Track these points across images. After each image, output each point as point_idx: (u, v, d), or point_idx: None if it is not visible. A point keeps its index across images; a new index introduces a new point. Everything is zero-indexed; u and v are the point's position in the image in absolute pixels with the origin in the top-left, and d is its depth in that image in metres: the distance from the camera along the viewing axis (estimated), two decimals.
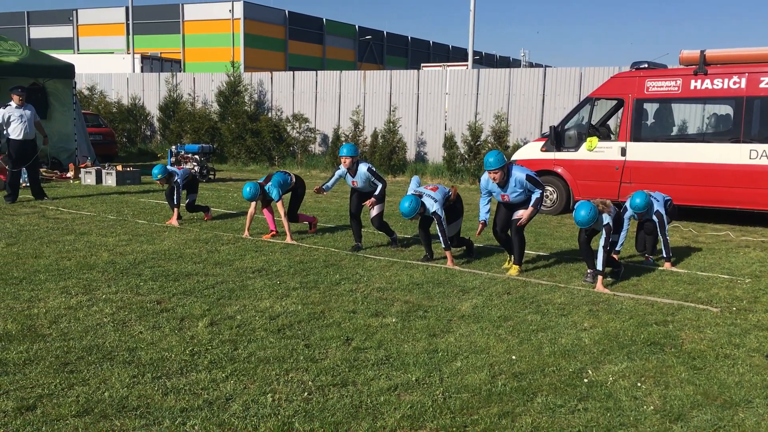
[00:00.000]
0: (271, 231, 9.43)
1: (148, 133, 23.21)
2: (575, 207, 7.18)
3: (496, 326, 5.73)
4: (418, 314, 6.01)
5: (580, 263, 8.12)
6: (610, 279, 7.40)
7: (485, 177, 7.71)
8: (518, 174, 7.59)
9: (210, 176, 16.62)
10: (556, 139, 12.39)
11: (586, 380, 4.61)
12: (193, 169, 11.07)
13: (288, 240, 9.03)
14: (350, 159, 8.60)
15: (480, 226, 7.85)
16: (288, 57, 54.94)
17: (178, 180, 10.15)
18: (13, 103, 12.03)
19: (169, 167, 10.33)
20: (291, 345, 5.14)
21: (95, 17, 56.09)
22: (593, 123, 12.47)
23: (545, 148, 12.55)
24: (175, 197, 10.16)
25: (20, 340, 5.05)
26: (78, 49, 54.35)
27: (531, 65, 61.17)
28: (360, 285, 6.97)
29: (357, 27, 63.20)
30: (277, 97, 20.86)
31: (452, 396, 4.32)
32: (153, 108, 22.85)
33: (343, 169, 8.72)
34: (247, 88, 20.95)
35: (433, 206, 7.84)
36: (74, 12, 56.73)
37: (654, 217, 8.13)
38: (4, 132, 11.96)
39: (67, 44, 55.10)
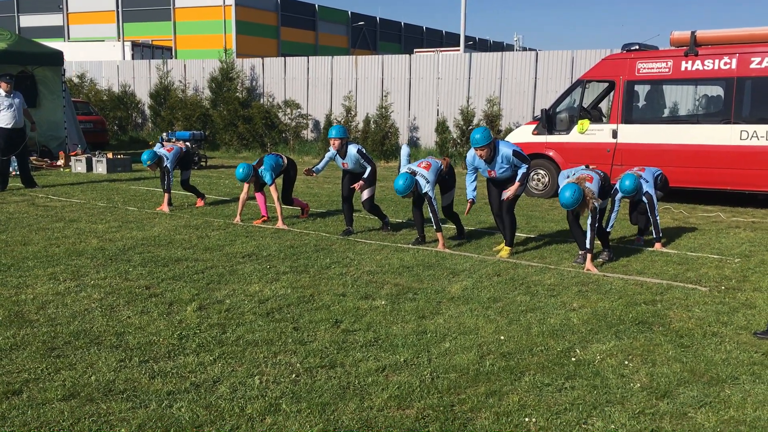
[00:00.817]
0: (263, 216, 9.39)
1: (139, 120, 23.10)
2: (560, 189, 7.15)
3: (485, 307, 5.74)
4: (407, 296, 6.01)
5: (571, 245, 8.13)
6: (599, 260, 7.41)
7: (471, 153, 7.70)
8: (505, 150, 7.57)
9: (202, 163, 16.56)
10: (547, 122, 12.37)
11: (573, 359, 4.62)
12: (184, 144, 10.98)
13: (279, 225, 9.02)
14: (339, 140, 8.54)
15: (468, 204, 7.89)
16: (280, 44, 54.64)
17: (168, 165, 10.08)
18: (1, 91, 11.94)
19: (158, 150, 10.23)
20: (280, 328, 5.14)
21: (85, 5, 55.55)
22: (584, 106, 12.45)
23: (537, 132, 12.53)
24: (166, 182, 10.11)
25: (7, 326, 5.03)
26: (68, 37, 53.92)
27: (525, 50, 61.00)
28: (350, 268, 6.96)
29: (350, 13, 62.88)
30: (268, 84, 20.76)
31: (440, 376, 4.33)
32: (144, 95, 22.72)
33: (332, 151, 8.67)
34: (239, 74, 20.84)
35: (425, 187, 7.82)
36: (64, 0, 56.23)
37: (644, 198, 8.14)
38: None
39: (57, 32, 54.63)
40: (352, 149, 8.62)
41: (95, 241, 7.95)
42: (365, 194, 8.73)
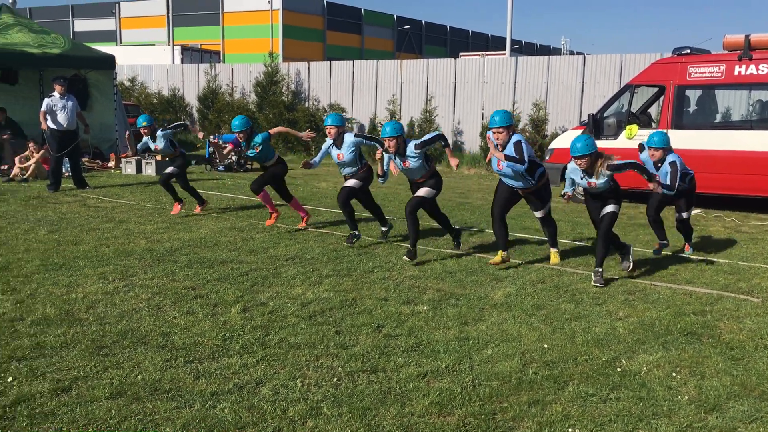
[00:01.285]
0: (273, 213, 9.25)
1: (188, 123, 23.50)
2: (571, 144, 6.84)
3: (528, 315, 5.67)
4: (450, 302, 5.98)
5: (617, 255, 7.99)
6: (623, 269, 7.26)
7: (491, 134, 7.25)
8: (515, 138, 7.06)
9: (247, 166, 16.77)
10: (594, 127, 12.17)
11: (619, 369, 4.54)
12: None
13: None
14: (335, 129, 8.09)
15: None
16: (326, 47, 55.06)
17: (162, 134, 9.87)
18: (56, 93, 12.29)
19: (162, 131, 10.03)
20: (322, 331, 5.16)
21: (137, 10, 56.92)
22: (633, 110, 12.23)
23: None
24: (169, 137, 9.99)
25: (58, 324, 5.16)
26: (120, 42, 55.27)
27: (572, 53, 60.28)
28: (393, 273, 6.96)
29: (395, 17, 63.02)
30: (314, 87, 20.92)
31: (482, 383, 4.29)
32: (192, 99, 23.12)
33: (329, 141, 8.23)
34: (285, 78, 21.06)
35: (411, 142, 7.55)
36: (117, 5, 57.67)
37: (668, 166, 7.69)
38: (47, 121, 12.22)
39: (110, 37, 56.06)
40: (349, 137, 8.13)
41: (143, 241, 8.11)
42: (349, 183, 8.18)
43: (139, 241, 8.15)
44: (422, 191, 7.64)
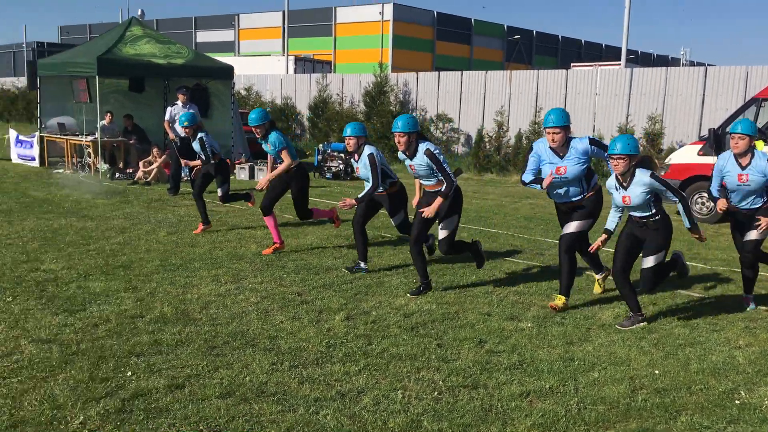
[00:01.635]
0: (275, 244, 8.15)
1: (298, 131, 24.18)
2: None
3: (638, 338, 5.45)
4: (555, 320, 5.84)
5: (736, 278, 7.55)
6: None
7: (539, 145, 6.40)
8: (579, 144, 6.19)
9: (354, 174, 17.06)
10: (715, 142, 11.58)
11: (737, 402, 4.28)
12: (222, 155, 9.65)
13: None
14: (354, 140, 7.20)
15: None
16: (435, 58, 55.30)
17: (204, 137, 9.19)
18: (179, 102, 12.97)
19: (204, 135, 9.38)
20: (423, 343, 5.17)
21: (255, 22, 59.34)
22: (759, 126, 11.54)
23: (703, 152, 11.76)
24: (203, 154, 9.28)
25: (174, 323, 5.43)
26: (238, 52, 57.70)
27: (692, 64, 57.70)
28: (496, 288, 6.88)
29: (505, 26, 62.48)
30: (421, 98, 21.04)
31: (587, 407, 4.16)
32: (303, 107, 23.78)
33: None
34: (393, 88, 21.29)
35: (426, 145, 6.52)
36: (236, 17, 60.29)
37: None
38: (172, 129, 12.90)
39: (229, 47, 58.71)
40: (366, 151, 7.20)
41: (254, 246, 8.40)
42: (394, 221, 7.59)
43: (250, 245, 8.45)
44: (444, 228, 6.62)
